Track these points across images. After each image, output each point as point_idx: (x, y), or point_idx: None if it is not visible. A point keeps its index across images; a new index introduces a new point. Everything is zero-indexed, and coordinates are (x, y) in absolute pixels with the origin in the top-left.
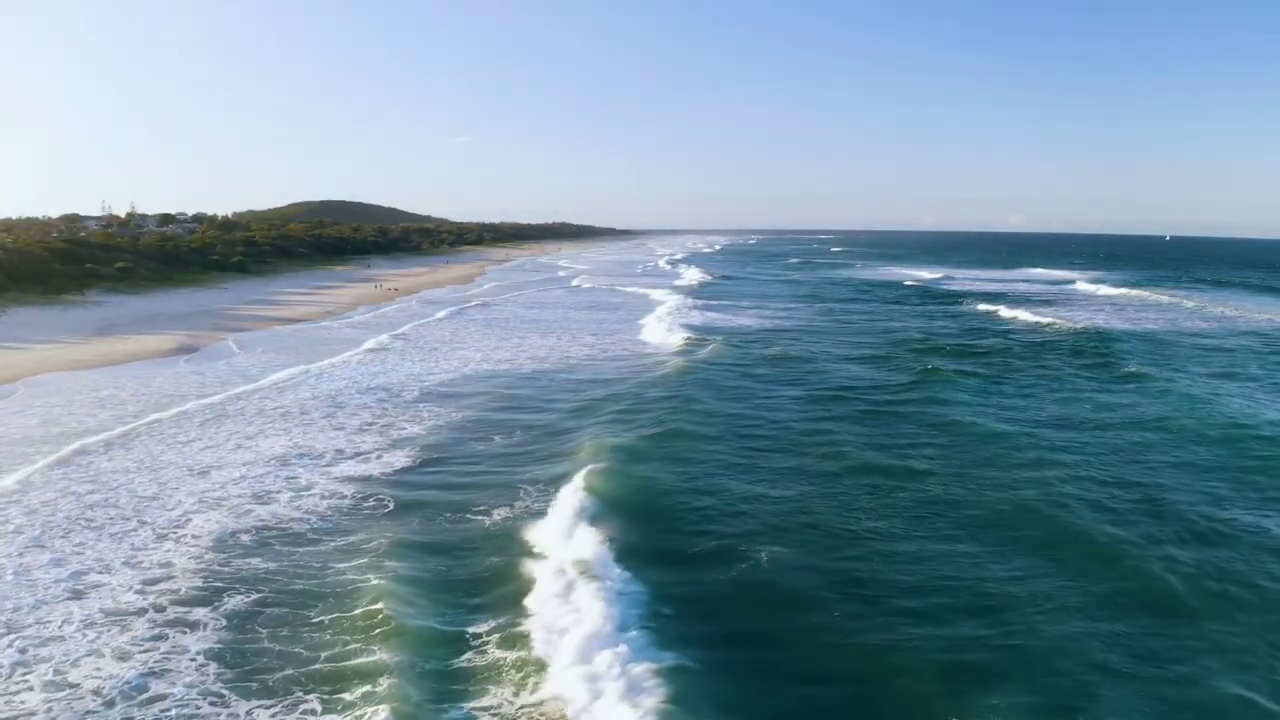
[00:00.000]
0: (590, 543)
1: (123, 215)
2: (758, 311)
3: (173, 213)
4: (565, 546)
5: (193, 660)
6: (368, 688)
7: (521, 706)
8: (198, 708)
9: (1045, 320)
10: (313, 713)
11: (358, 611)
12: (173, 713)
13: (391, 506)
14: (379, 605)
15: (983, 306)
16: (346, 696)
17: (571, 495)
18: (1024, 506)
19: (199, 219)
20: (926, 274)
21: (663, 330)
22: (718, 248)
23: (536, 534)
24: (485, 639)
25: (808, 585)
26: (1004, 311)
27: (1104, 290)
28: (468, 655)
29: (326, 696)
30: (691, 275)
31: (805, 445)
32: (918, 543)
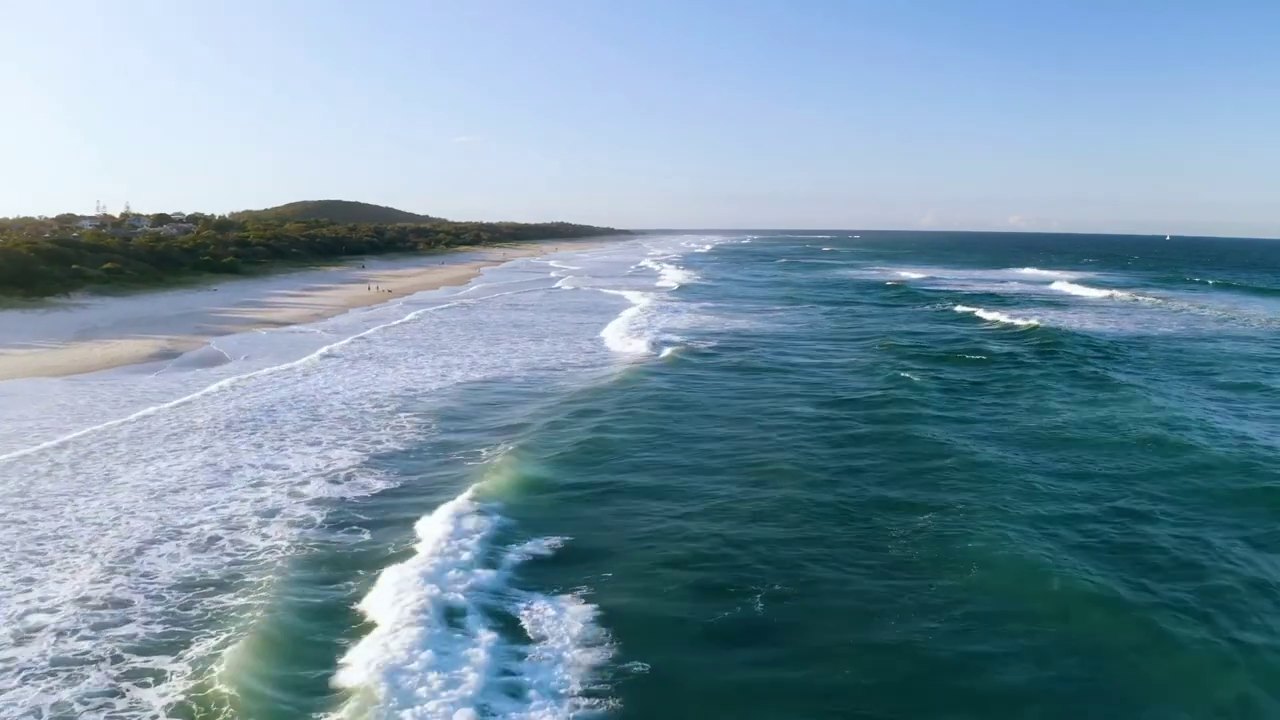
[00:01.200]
0: (487, 585)
1: (117, 215)
2: (730, 315)
3: (169, 213)
4: (468, 590)
5: None
6: None
7: None
8: None
9: (1023, 324)
10: None
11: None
12: None
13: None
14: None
15: (961, 308)
16: None
17: (464, 528)
18: (996, 549)
19: (195, 219)
20: (911, 274)
21: (627, 337)
22: (708, 249)
23: (425, 576)
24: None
25: (708, 654)
26: (981, 313)
27: (1084, 292)
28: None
29: None
30: (675, 277)
31: (746, 469)
32: (871, 598)
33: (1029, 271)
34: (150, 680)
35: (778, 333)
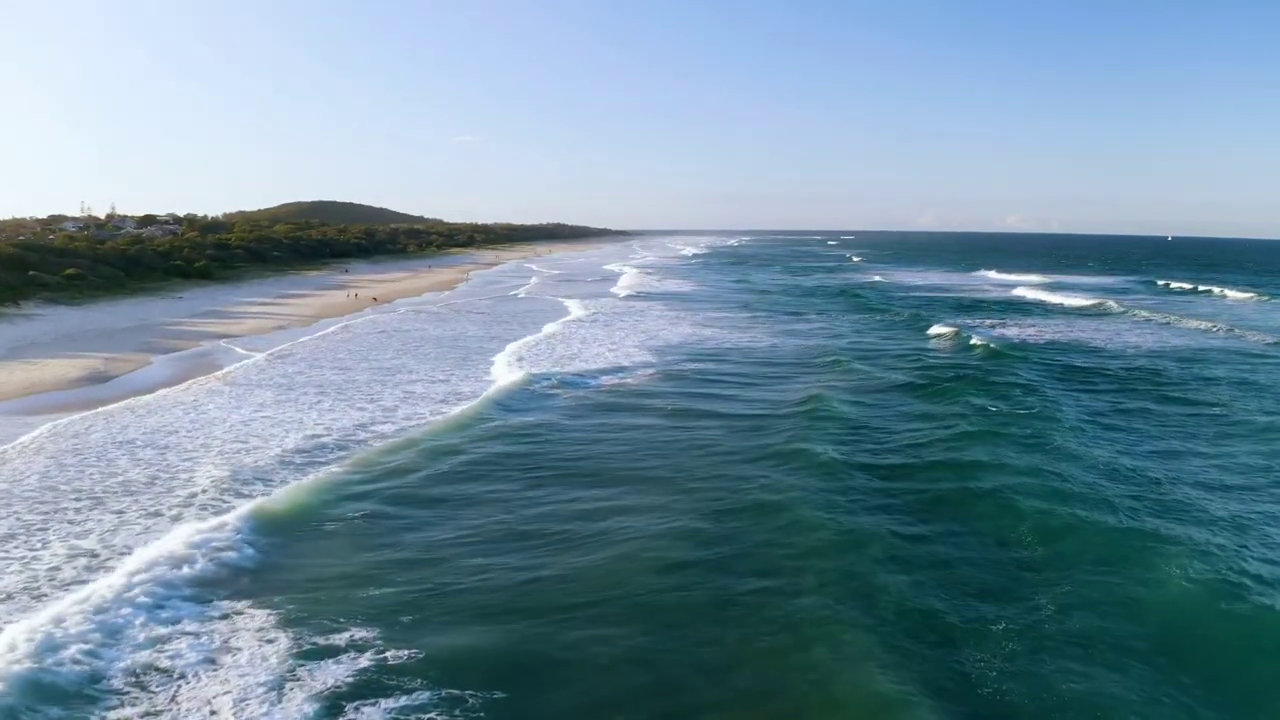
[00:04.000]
0: None
1: (101, 216)
2: (670, 323)
3: (165, 214)
4: None
5: None
6: None
7: None
8: None
9: (978, 341)
10: None
11: None
12: None
13: None
14: None
15: (920, 315)
16: None
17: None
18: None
19: (182, 220)
20: (881, 277)
21: (522, 361)
22: (689, 252)
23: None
24: None
25: None
26: (937, 326)
27: (1057, 298)
28: None
29: None
30: (635, 282)
31: (551, 558)
32: None
33: (997, 275)
34: None
35: (711, 350)
